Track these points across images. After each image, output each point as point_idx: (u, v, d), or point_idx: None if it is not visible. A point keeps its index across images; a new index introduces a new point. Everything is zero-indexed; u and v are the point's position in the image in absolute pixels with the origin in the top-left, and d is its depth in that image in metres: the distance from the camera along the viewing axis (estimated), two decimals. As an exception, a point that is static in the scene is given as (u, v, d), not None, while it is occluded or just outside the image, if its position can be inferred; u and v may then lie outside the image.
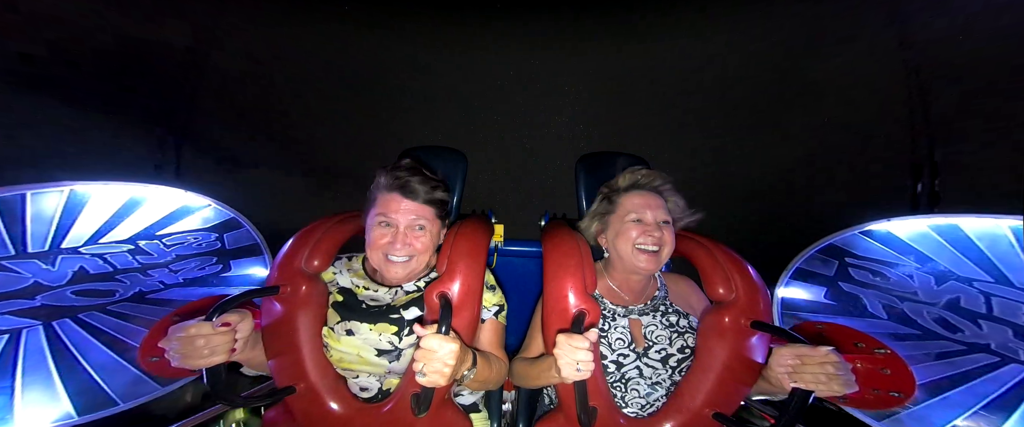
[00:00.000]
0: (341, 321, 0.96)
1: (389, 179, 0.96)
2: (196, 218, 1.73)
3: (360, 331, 0.94)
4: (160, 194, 1.77)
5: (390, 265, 0.94)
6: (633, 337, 1.00)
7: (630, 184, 1.08)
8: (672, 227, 1.03)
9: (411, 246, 0.94)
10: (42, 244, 1.41)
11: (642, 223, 1.00)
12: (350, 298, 0.99)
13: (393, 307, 0.97)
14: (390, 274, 0.96)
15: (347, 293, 1.00)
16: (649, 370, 0.97)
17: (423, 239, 0.95)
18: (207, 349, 0.73)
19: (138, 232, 1.60)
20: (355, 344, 0.94)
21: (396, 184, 0.95)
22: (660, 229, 0.99)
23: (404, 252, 0.93)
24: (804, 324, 1.23)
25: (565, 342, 0.76)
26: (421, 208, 0.95)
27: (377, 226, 0.95)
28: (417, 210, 0.95)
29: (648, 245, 0.98)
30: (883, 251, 1.48)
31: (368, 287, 1.00)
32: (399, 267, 0.95)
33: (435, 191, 0.97)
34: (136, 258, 1.47)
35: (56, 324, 1.17)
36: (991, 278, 1.28)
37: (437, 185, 0.99)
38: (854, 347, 1.11)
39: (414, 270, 0.98)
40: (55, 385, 1.01)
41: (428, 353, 0.73)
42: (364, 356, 0.94)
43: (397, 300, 0.99)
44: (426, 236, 0.96)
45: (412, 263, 0.96)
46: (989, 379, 0.99)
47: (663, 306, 1.05)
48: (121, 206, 1.67)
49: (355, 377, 0.96)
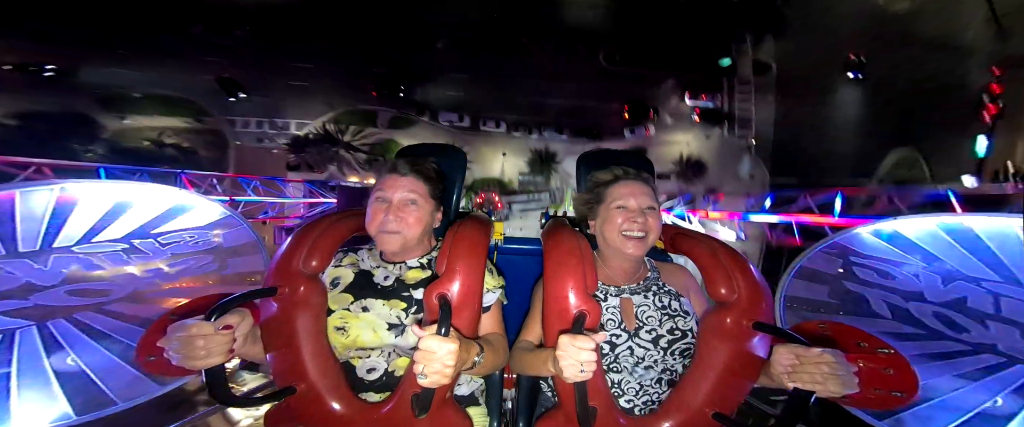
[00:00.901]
0: (356, 300, 1.00)
1: (387, 165, 1.07)
2: (192, 216, 1.71)
3: (375, 307, 0.99)
4: (153, 192, 1.75)
5: (384, 237, 1.00)
6: (624, 316, 1.01)
7: (615, 176, 1.11)
8: (658, 214, 1.05)
9: (403, 220, 1.00)
10: (33, 243, 1.40)
11: (626, 210, 1.04)
12: (365, 278, 1.05)
13: (404, 284, 1.02)
14: (387, 247, 1.01)
15: (364, 275, 1.06)
16: (641, 351, 0.98)
17: (415, 213, 1.01)
18: (206, 350, 0.73)
19: (133, 231, 1.58)
20: (371, 320, 0.98)
21: (390, 166, 1.06)
22: (644, 215, 1.02)
23: (396, 225, 0.99)
24: (806, 324, 1.23)
25: (569, 343, 0.75)
26: (412, 183, 1.03)
27: (374, 203, 1.03)
28: (408, 184, 1.02)
29: (633, 231, 1.01)
30: (889, 250, 1.47)
31: (380, 266, 1.07)
32: (393, 240, 1.00)
33: (426, 170, 1.06)
34: (131, 257, 1.46)
35: (50, 324, 1.15)
36: (1000, 278, 1.27)
37: (429, 167, 1.08)
38: (857, 347, 1.10)
39: (408, 246, 1.03)
40: (52, 385, 1.00)
41: (428, 354, 0.72)
42: (378, 331, 0.98)
43: (405, 276, 1.04)
44: (418, 211, 1.01)
45: (403, 238, 1.01)
46: (995, 380, 0.98)
47: (655, 286, 1.07)
48: (114, 205, 1.65)
49: (367, 356, 0.98)
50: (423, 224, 1.03)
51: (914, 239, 1.49)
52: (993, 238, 1.37)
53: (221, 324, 0.75)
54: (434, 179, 1.08)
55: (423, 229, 1.04)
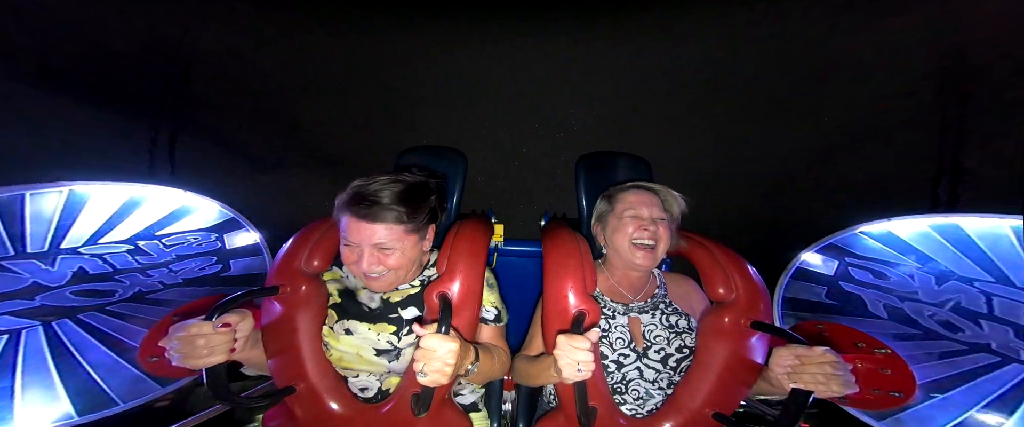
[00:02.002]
0: (339, 320, 0.96)
1: (346, 197, 0.87)
2: (196, 218, 1.72)
3: (358, 331, 0.94)
4: (159, 194, 1.77)
5: (370, 281, 0.92)
6: (632, 336, 1.00)
7: (628, 185, 1.11)
8: (669, 224, 1.04)
9: (382, 263, 0.89)
10: (41, 244, 1.41)
11: (638, 218, 1.03)
12: (349, 299, 0.99)
13: (391, 306, 0.97)
14: (377, 289, 0.95)
15: (348, 294, 1.00)
16: (651, 372, 0.97)
17: (394, 257, 0.88)
18: (207, 349, 0.73)
19: (137, 232, 1.59)
20: (354, 344, 0.94)
21: (352, 204, 0.85)
22: (655, 224, 1.02)
23: (376, 269, 0.89)
24: (805, 324, 1.24)
25: (565, 343, 0.76)
26: (384, 229, 0.86)
27: (344, 246, 0.90)
28: (379, 232, 0.85)
29: (644, 239, 1.00)
30: (884, 251, 1.48)
31: (367, 287, 1.00)
32: (379, 282, 0.92)
33: (395, 209, 0.86)
34: (135, 258, 1.47)
35: (56, 324, 1.17)
36: (992, 278, 1.28)
37: (406, 197, 0.88)
38: (855, 347, 1.11)
39: (398, 280, 0.95)
40: (55, 385, 1.01)
41: (428, 353, 0.72)
42: (363, 356, 0.94)
43: (393, 298, 0.99)
44: (397, 254, 0.88)
45: (391, 277, 0.92)
46: (990, 379, 0.99)
47: (662, 304, 1.06)
48: (120, 206, 1.66)
49: (355, 377, 0.96)
50: (407, 259, 0.92)
51: (907, 240, 1.49)
52: (984, 238, 1.38)
53: (220, 322, 0.75)
54: (411, 209, 0.89)
55: (409, 262, 0.93)
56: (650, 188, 1.09)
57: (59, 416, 0.96)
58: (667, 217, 1.05)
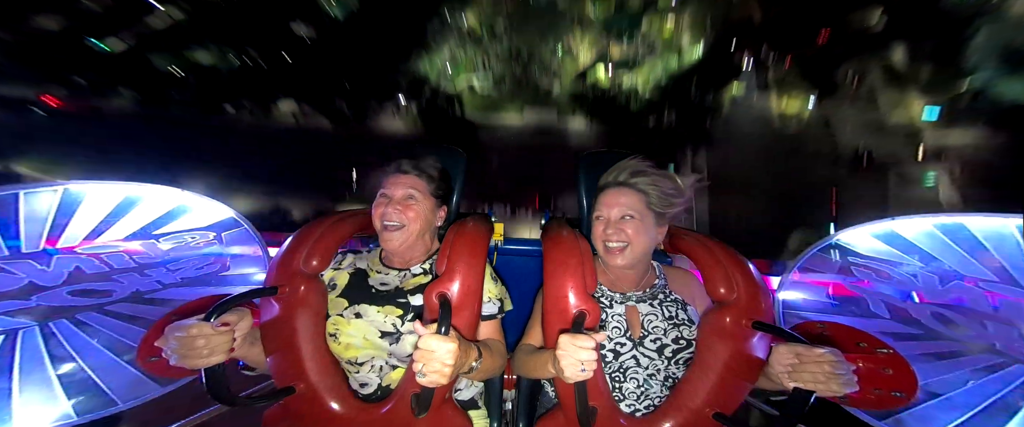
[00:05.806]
0: (350, 306, 0.99)
1: (392, 165, 1.10)
2: (194, 217, 1.72)
3: (368, 313, 0.98)
4: (156, 193, 1.76)
5: (387, 234, 1.01)
6: (629, 324, 1.00)
7: (603, 184, 1.10)
8: (643, 221, 1.01)
9: (403, 214, 1.02)
10: (37, 244, 1.40)
11: (602, 220, 1.04)
12: (360, 279, 1.04)
13: (401, 291, 1.01)
14: (389, 245, 1.02)
15: (360, 276, 1.05)
16: (646, 361, 0.97)
17: (415, 208, 1.03)
18: (206, 349, 0.73)
19: (135, 232, 1.59)
20: (362, 327, 0.96)
21: (392, 166, 1.10)
22: (621, 224, 1.00)
23: (396, 218, 1.02)
24: (806, 324, 1.23)
25: (569, 342, 0.76)
26: (412, 180, 1.06)
27: (378, 201, 1.06)
28: (408, 181, 1.06)
29: (610, 240, 1.00)
30: (887, 251, 1.47)
31: (380, 271, 1.06)
32: (395, 236, 1.01)
33: (426, 167, 1.10)
34: (133, 258, 1.47)
35: (52, 324, 1.16)
36: (997, 278, 1.28)
37: (430, 164, 1.12)
38: (856, 347, 1.10)
39: (409, 242, 1.03)
40: (53, 386, 1.01)
41: (427, 353, 0.73)
42: (369, 338, 0.95)
43: (405, 283, 1.02)
44: (418, 206, 1.04)
45: (405, 233, 1.02)
46: (993, 379, 0.98)
47: (661, 294, 1.05)
48: (117, 206, 1.65)
49: (356, 372, 0.97)
50: (422, 219, 1.04)
51: (911, 240, 1.49)
52: (990, 238, 1.37)
53: (219, 322, 0.75)
54: (435, 177, 1.10)
55: (423, 224, 1.04)
56: (626, 183, 1.05)
57: (58, 416, 0.96)
58: (637, 214, 1.01)
